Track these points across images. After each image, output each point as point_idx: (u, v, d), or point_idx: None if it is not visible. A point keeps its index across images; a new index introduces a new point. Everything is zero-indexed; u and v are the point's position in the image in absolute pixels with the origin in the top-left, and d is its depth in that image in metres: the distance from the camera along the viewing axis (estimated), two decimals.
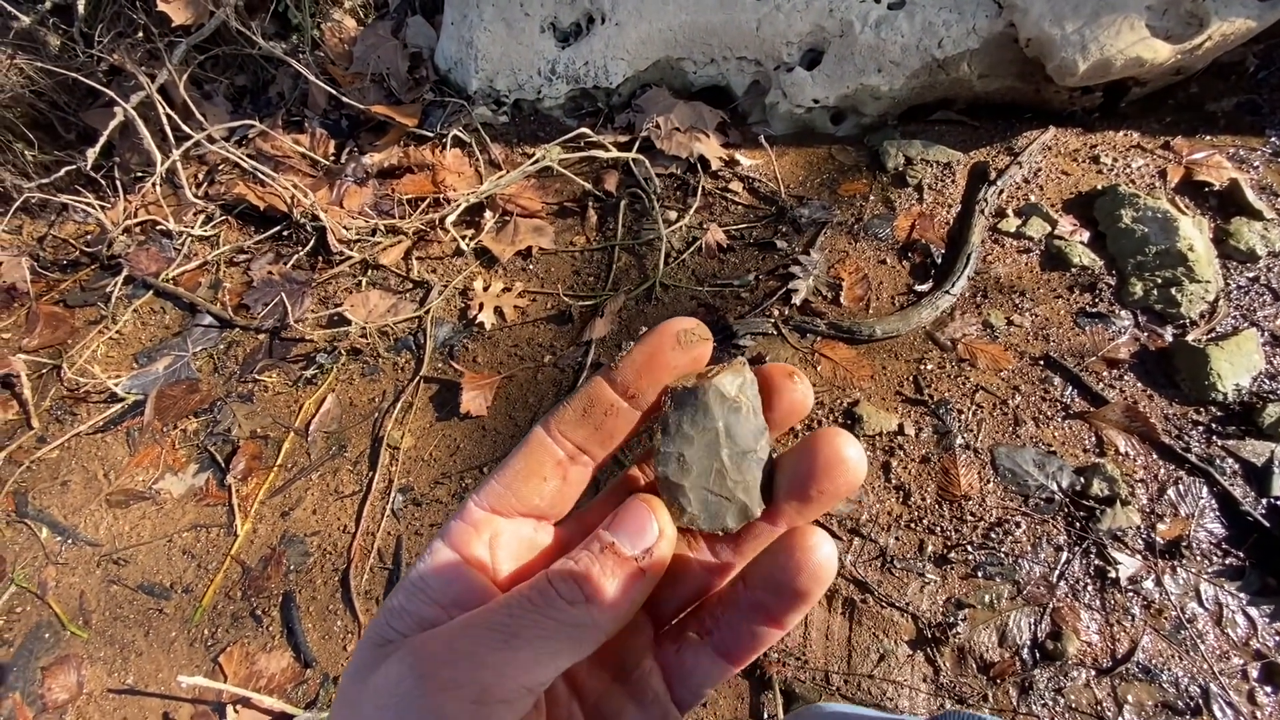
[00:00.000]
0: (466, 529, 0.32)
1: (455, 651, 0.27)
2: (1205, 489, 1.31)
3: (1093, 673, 1.18)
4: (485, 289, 1.78)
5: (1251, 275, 1.54)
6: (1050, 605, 1.24)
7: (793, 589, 0.30)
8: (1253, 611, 1.20)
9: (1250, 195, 1.60)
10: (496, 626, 0.27)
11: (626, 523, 0.30)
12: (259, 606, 1.41)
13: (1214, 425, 1.37)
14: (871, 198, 1.81)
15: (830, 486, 0.31)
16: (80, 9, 2.11)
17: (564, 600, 0.28)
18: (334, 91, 2.08)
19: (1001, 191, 1.74)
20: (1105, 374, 1.46)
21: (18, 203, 2.00)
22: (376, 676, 0.27)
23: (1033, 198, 1.73)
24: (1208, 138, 1.76)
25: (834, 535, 1.34)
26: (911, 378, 1.51)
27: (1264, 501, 1.28)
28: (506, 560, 0.32)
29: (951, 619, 1.24)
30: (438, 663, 0.26)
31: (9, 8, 2.04)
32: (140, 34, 2.14)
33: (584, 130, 1.95)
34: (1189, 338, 1.46)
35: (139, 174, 2.12)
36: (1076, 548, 1.28)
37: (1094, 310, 1.54)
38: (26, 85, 2.08)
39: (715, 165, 1.91)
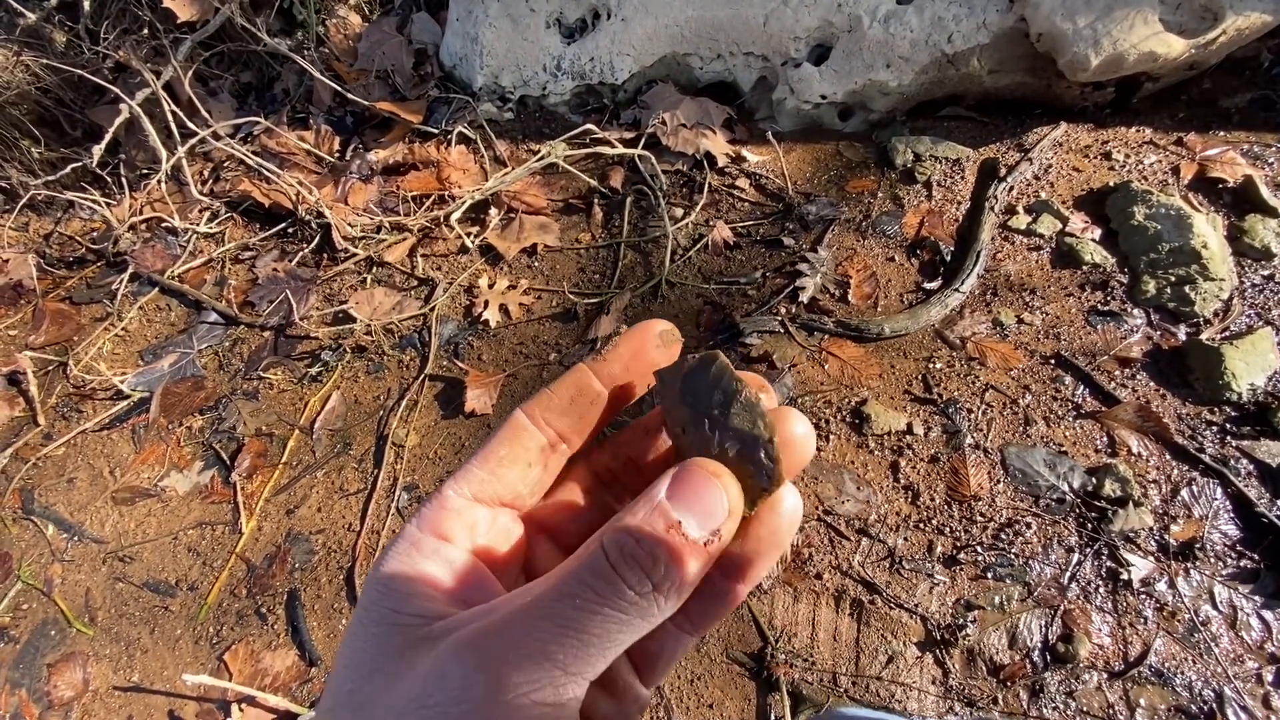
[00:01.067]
0: (448, 514, 0.30)
1: (524, 652, 0.25)
2: (1219, 490, 1.30)
3: (1105, 676, 1.17)
4: (490, 286, 1.77)
5: (1266, 273, 1.52)
6: (1061, 607, 1.22)
7: (746, 555, 0.30)
8: (1267, 615, 1.19)
9: (1265, 192, 1.58)
10: (563, 621, 0.25)
11: (692, 500, 0.27)
12: (264, 604, 1.41)
13: (1228, 425, 1.35)
14: (880, 194, 1.79)
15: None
16: (86, 6, 2.11)
17: (634, 591, 0.26)
18: (339, 88, 2.07)
19: (1012, 188, 1.72)
20: (1117, 373, 1.44)
21: (24, 200, 2.00)
22: (426, 681, 0.25)
23: (1043, 194, 1.71)
24: (1221, 134, 1.74)
25: (841, 535, 1.33)
26: (920, 376, 1.49)
27: (1279, 503, 1.26)
28: (486, 548, 0.31)
29: (961, 621, 1.22)
30: (507, 664, 0.25)
31: (15, 5, 2.04)
32: (145, 31, 2.13)
33: (589, 127, 1.94)
34: (1203, 336, 1.44)
35: (144, 171, 2.12)
36: (1088, 549, 1.27)
37: (1106, 308, 1.52)
38: (32, 82, 2.08)
39: (722, 162, 1.89)
